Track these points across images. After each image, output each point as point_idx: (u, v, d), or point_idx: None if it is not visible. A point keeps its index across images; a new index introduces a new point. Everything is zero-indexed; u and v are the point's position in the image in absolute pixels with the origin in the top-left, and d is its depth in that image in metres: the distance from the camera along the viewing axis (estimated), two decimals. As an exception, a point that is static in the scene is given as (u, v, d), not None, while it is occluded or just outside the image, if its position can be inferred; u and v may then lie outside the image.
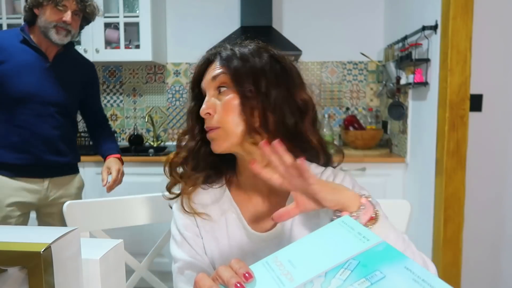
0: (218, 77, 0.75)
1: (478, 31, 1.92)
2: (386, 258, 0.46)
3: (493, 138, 2.10)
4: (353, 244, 0.50)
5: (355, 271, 0.46)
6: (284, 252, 0.53)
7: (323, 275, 0.47)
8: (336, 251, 0.50)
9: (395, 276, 0.44)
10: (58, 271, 0.42)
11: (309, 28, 2.79)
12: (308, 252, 0.52)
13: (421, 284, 0.42)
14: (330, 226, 0.55)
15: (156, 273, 1.11)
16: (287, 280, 0.48)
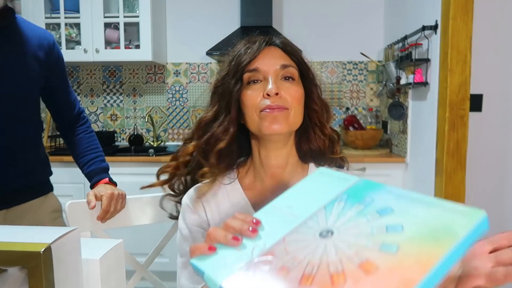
0: (289, 68, 0.76)
1: (478, 31, 1.92)
2: (370, 188, 0.53)
3: (493, 138, 2.10)
4: (338, 185, 0.56)
5: (348, 201, 0.52)
6: (280, 200, 0.58)
7: (322, 209, 0.53)
8: (325, 192, 0.55)
9: (382, 197, 0.50)
10: (58, 271, 0.42)
11: (309, 28, 2.79)
12: (300, 197, 0.57)
13: (404, 199, 0.48)
14: (312, 177, 0.60)
15: (156, 273, 1.11)
16: (292, 218, 0.53)
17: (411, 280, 0.38)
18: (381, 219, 0.46)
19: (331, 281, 0.42)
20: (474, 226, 0.41)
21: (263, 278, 0.46)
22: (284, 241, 0.50)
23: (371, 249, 0.43)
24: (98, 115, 2.94)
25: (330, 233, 0.48)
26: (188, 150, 0.82)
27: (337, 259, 0.44)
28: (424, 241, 0.41)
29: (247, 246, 0.51)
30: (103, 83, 2.92)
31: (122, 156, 2.41)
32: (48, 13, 2.57)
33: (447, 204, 0.45)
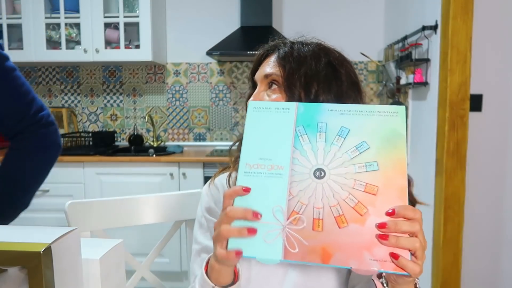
0: (271, 76, 0.76)
1: (478, 31, 1.92)
2: (313, 112, 0.58)
3: (493, 138, 2.10)
4: (283, 118, 0.58)
5: (308, 134, 0.56)
6: (247, 155, 0.57)
7: (294, 149, 0.56)
8: (279, 130, 0.58)
9: (330, 119, 0.57)
10: (58, 271, 0.42)
11: (309, 28, 2.77)
12: (262, 144, 0.58)
13: (347, 114, 0.57)
14: (252, 118, 0.60)
15: (156, 273, 1.11)
16: (279, 170, 0.55)
17: (400, 185, 0.52)
18: (347, 143, 0.55)
19: (337, 223, 0.52)
20: (404, 119, 0.56)
21: (308, 236, 0.52)
22: (291, 194, 0.54)
23: (361, 175, 0.53)
24: (98, 115, 2.94)
25: (323, 173, 0.54)
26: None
27: (336, 202, 0.53)
28: (386, 149, 0.54)
29: (265, 215, 0.53)
30: (103, 83, 2.92)
31: (122, 156, 2.41)
32: (48, 13, 2.57)
33: (377, 108, 0.57)
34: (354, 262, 0.50)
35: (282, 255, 0.51)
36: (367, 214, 0.51)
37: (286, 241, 0.52)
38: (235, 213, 0.54)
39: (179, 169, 2.35)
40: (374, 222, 0.51)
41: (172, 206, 1.09)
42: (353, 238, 0.51)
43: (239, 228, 0.53)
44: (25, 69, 2.92)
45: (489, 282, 2.17)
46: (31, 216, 2.43)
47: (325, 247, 0.51)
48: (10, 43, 2.59)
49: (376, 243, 0.51)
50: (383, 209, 0.51)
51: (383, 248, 0.50)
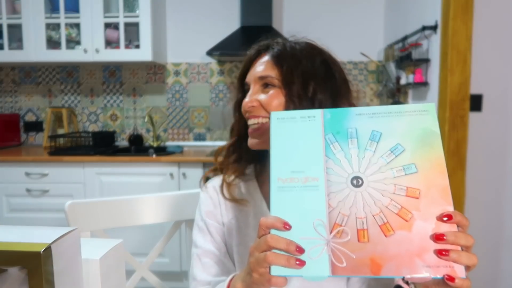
0: (266, 78, 0.74)
1: (478, 31, 1.92)
2: (340, 118, 0.56)
3: (493, 138, 2.10)
4: (310, 126, 0.56)
5: (339, 141, 0.54)
6: (278, 171, 0.55)
7: (327, 159, 0.54)
8: (308, 140, 0.56)
9: (359, 124, 0.55)
10: (58, 271, 0.42)
11: (309, 28, 2.79)
12: (292, 156, 0.55)
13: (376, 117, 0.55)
14: (276, 129, 0.57)
15: (156, 273, 1.11)
16: (313, 182, 0.53)
17: (442, 185, 0.52)
18: (381, 147, 0.53)
19: (382, 232, 0.50)
20: (436, 116, 0.54)
21: (354, 248, 0.50)
22: (331, 206, 0.51)
23: (400, 179, 0.51)
24: (98, 115, 2.94)
25: (360, 181, 0.52)
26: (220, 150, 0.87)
27: (378, 210, 0.51)
28: (422, 149, 0.52)
29: (306, 230, 0.51)
30: (103, 83, 2.92)
31: (122, 156, 2.41)
32: (48, 13, 2.57)
33: (405, 108, 0.55)
34: (406, 270, 0.48)
35: (330, 270, 0.49)
36: (412, 219, 0.49)
37: (332, 255, 0.49)
38: (277, 243, 0.50)
39: (179, 169, 2.35)
40: (421, 226, 0.49)
41: (172, 206, 1.09)
42: (402, 246, 0.49)
43: (287, 257, 0.49)
44: (25, 69, 2.92)
45: (489, 282, 2.17)
46: (31, 216, 2.43)
47: (373, 258, 0.49)
48: (10, 43, 2.59)
49: (426, 249, 0.48)
50: (428, 212, 0.50)
51: (432, 254, 0.48)
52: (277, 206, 0.53)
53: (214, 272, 0.78)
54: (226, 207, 0.82)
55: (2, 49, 2.57)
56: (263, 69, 0.75)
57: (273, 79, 0.73)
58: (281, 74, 0.73)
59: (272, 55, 0.75)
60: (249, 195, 0.82)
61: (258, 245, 0.52)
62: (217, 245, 0.81)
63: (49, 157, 2.39)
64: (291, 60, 0.73)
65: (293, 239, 0.50)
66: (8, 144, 2.81)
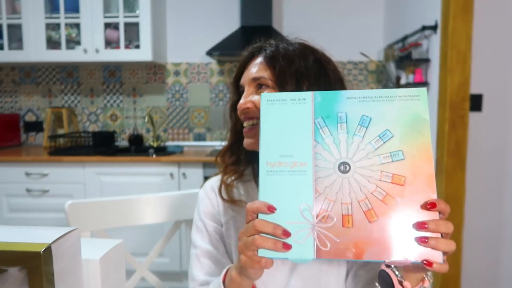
0: (259, 79, 0.75)
1: (478, 31, 1.92)
2: (330, 101, 0.55)
3: (493, 138, 2.10)
4: (301, 109, 0.56)
5: (328, 125, 0.54)
6: (267, 154, 0.55)
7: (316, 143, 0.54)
8: (297, 123, 0.55)
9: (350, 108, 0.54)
10: (58, 271, 0.42)
11: (309, 28, 2.79)
12: (281, 139, 0.55)
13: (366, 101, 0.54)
14: (267, 111, 0.57)
15: (156, 273, 1.11)
16: (301, 167, 0.54)
17: (428, 172, 0.51)
18: (370, 132, 0.53)
19: (366, 218, 0.51)
20: (427, 102, 0.54)
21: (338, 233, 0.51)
22: (318, 192, 0.53)
23: (386, 166, 0.52)
24: (98, 115, 2.94)
25: (347, 166, 0.53)
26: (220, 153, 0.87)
27: (364, 196, 0.52)
28: (411, 136, 0.53)
29: (292, 214, 0.52)
30: (103, 83, 2.92)
31: (122, 156, 2.41)
32: (48, 13, 2.57)
33: (397, 92, 0.54)
34: (387, 255, 0.50)
35: (315, 254, 0.51)
36: (396, 205, 0.51)
37: (317, 240, 0.51)
38: (264, 227, 0.52)
39: (179, 169, 2.35)
40: (404, 213, 0.51)
41: (172, 206, 1.09)
42: (384, 232, 0.51)
43: (274, 240, 0.51)
44: (25, 69, 2.92)
45: (489, 282, 2.17)
46: (31, 216, 2.43)
47: (357, 242, 0.51)
48: (10, 43, 2.59)
49: (408, 235, 0.50)
50: (412, 200, 0.51)
51: (413, 239, 0.50)
52: (264, 190, 0.54)
53: (212, 272, 0.79)
54: (224, 208, 0.82)
55: (2, 49, 2.57)
56: (256, 70, 0.76)
57: (267, 79, 0.74)
58: (274, 75, 0.73)
59: (265, 56, 0.76)
60: (247, 195, 0.82)
61: (246, 229, 0.54)
62: (216, 245, 0.81)
63: (49, 157, 2.39)
64: (283, 61, 0.74)
65: (280, 223, 0.52)
66: (8, 144, 2.81)
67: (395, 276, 0.58)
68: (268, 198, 0.53)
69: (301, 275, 0.75)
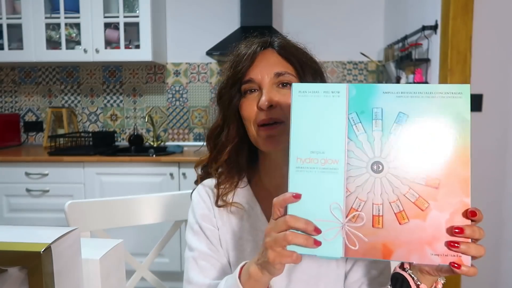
0: (284, 76, 0.72)
1: (478, 31, 1.92)
2: (366, 95, 0.52)
3: (493, 138, 2.10)
4: (334, 103, 0.53)
5: (363, 121, 0.52)
6: (298, 148, 0.53)
7: (349, 141, 0.52)
8: (330, 118, 0.53)
9: (386, 104, 0.52)
10: (58, 271, 0.42)
11: (309, 28, 2.79)
12: (312, 135, 0.53)
13: (404, 97, 0.51)
14: (298, 103, 0.54)
15: (156, 273, 1.11)
16: (333, 165, 0.52)
17: (463, 175, 0.50)
18: (406, 131, 0.51)
19: (397, 219, 0.51)
20: (469, 101, 0.50)
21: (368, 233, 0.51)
22: (349, 191, 0.51)
23: (427, 164, 0.50)
24: (98, 115, 2.94)
25: (381, 166, 0.51)
26: (202, 162, 0.85)
27: (396, 197, 0.50)
28: (449, 137, 0.50)
29: (322, 213, 0.52)
30: (103, 83, 2.92)
31: (122, 156, 2.41)
32: (48, 13, 2.57)
33: (438, 88, 0.51)
34: (415, 257, 0.50)
35: (343, 252, 0.51)
36: (428, 208, 0.50)
37: (346, 238, 0.51)
38: (295, 223, 0.52)
39: (179, 169, 2.35)
40: (435, 216, 0.50)
41: (172, 206, 1.09)
42: (414, 234, 0.50)
43: (306, 236, 0.51)
44: (25, 69, 2.92)
45: (489, 282, 2.17)
46: (31, 216, 2.43)
47: (386, 243, 0.50)
48: (10, 43, 2.59)
49: (438, 238, 0.50)
50: (445, 203, 0.50)
51: (443, 243, 0.50)
52: (294, 187, 0.53)
53: (212, 275, 0.77)
54: (219, 211, 0.80)
55: (2, 49, 2.57)
56: (275, 64, 0.73)
57: (290, 76, 0.73)
58: (296, 70, 0.74)
59: (279, 51, 0.75)
60: (243, 198, 0.81)
61: (275, 225, 0.53)
62: (214, 248, 0.79)
63: (49, 157, 2.38)
64: (298, 54, 0.75)
65: (310, 219, 0.52)
66: (8, 144, 2.80)
67: (412, 278, 0.57)
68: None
69: (300, 277, 0.75)
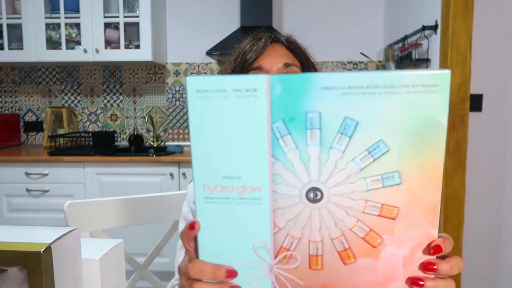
0: (291, 67, 0.73)
1: (478, 31, 1.92)
2: (296, 93, 0.36)
3: (493, 138, 2.10)
4: (251, 110, 0.37)
5: (292, 133, 0.37)
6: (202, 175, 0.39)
7: (274, 160, 0.38)
8: (247, 129, 0.37)
9: (325, 105, 0.36)
10: (58, 271, 0.42)
11: (309, 28, 2.79)
12: (223, 154, 0.38)
13: (351, 94, 0.36)
14: (193, 108, 0.38)
15: (156, 273, 1.11)
16: (254, 194, 0.39)
17: (431, 201, 0.38)
18: (354, 144, 0.36)
19: (341, 259, 0.40)
20: (448, 97, 0.36)
21: (303, 275, 0.41)
22: (277, 226, 0.39)
23: (374, 193, 0.37)
24: (98, 115, 2.94)
25: (319, 194, 0.38)
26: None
27: (339, 233, 0.39)
28: (416, 150, 0.36)
29: (245, 253, 0.41)
30: (103, 83, 2.92)
31: (122, 156, 2.41)
32: (48, 13, 2.57)
33: (403, 79, 0.35)
34: None
35: None
36: (382, 244, 0.39)
37: (276, 282, 0.41)
38: (201, 274, 0.41)
39: (179, 169, 2.35)
40: (391, 253, 0.39)
41: (172, 206, 1.09)
42: (362, 276, 0.40)
43: (219, 286, 0.41)
44: (25, 69, 2.92)
45: (489, 282, 2.17)
46: (31, 216, 2.43)
47: (326, 286, 0.40)
48: (10, 43, 2.59)
49: (392, 279, 0.40)
50: (404, 236, 0.39)
51: (400, 283, 0.40)
52: (205, 223, 0.40)
53: None
54: None
55: (2, 49, 2.57)
56: (284, 56, 0.75)
57: (297, 68, 0.75)
58: (301, 64, 0.76)
59: (287, 45, 0.77)
60: None
61: (184, 269, 0.42)
62: None
63: (49, 157, 2.39)
64: (302, 51, 0.78)
65: (228, 262, 0.41)
66: (8, 144, 2.81)
67: None
68: (210, 233, 0.40)
69: None
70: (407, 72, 0.35)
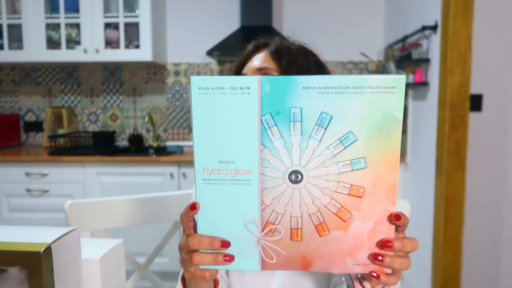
0: (265, 70, 0.75)
1: (478, 31, 1.92)
2: (282, 92, 0.45)
3: (493, 138, 2.10)
4: (244, 105, 0.45)
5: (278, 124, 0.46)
6: (204, 160, 0.47)
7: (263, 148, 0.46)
8: (241, 121, 0.46)
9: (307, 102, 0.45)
10: (58, 271, 0.42)
11: (309, 28, 2.79)
12: (220, 142, 0.47)
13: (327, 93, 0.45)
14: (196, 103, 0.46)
15: (156, 273, 1.11)
16: (246, 176, 0.47)
17: (390, 182, 0.46)
18: (329, 135, 0.45)
19: (317, 232, 0.48)
20: (403, 96, 0.45)
21: (286, 246, 0.48)
22: (264, 204, 0.48)
23: (345, 175, 0.46)
24: (98, 115, 2.94)
25: (299, 176, 0.47)
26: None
27: (316, 209, 0.47)
28: (378, 140, 0.46)
29: (236, 227, 0.49)
30: (103, 83, 2.92)
31: (122, 156, 2.41)
32: (48, 13, 2.57)
33: (368, 81, 0.44)
34: (336, 267, 0.49)
35: (260, 266, 0.49)
36: (351, 219, 0.47)
37: (262, 252, 0.49)
38: (199, 245, 0.49)
39: (179, 169, 2.35)
40: (358, 227, 0.48)
41: (171, 206, 1.09)
42: (335, 245, 0.48)
43: (214, 255, 0.49)
44: (25, 69, 2.92)
45: (489, 282, 2.17)
46: (31, 216, 2.43)
47: (305, 255, 0.48)
48: (10, 43, 2.59)
49: (359, 248, 0.48)
50: (369, 212, 0.47)
51: (365, 252, 0.48)
52: (203, 201, 0.48)
53: None
54: None
55: (2, 49, 2.57)
56: (261, 62, 0.77)
57: (271, 70, 0.75)
58: (280, 68, 0.75)
59: (271, 50, 0.78)
60: None
61: (184, 244, 0.51)
62: None
63: (49, 157, 2.38)
64: (288, 56, 0.76)
65: (222, 235, 0.49)
66: (8, 144, 2.81)
67: (356, 275, 0.58)
68: (208, 210, 0.48)
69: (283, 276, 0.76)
70: (372, 76, 0.44)
